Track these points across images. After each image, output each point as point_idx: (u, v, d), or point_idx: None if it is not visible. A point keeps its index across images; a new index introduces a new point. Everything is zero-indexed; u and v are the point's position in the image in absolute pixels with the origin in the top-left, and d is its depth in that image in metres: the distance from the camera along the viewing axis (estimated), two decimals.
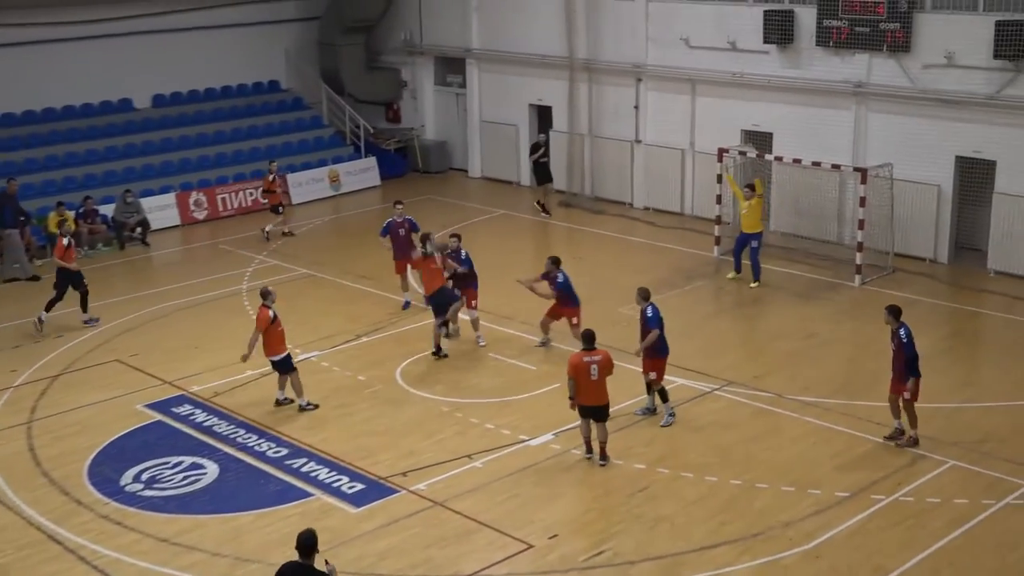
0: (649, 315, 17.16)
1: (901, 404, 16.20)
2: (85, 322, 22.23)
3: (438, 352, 20.17)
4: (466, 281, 20.72)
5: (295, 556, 10.93)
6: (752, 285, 23.56)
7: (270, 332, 17.79)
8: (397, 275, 22.74)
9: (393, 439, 17.08)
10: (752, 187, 23.67)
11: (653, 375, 17.28)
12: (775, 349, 20.39)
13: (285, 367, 18.10)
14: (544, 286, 20.03)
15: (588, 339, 15.87)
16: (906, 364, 15.91)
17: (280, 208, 28.59)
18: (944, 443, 16.39)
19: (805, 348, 20.36)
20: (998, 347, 20.58)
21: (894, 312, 16.28)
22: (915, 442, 16.22)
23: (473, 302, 20.73)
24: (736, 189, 24.31)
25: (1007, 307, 22.17)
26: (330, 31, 35.49)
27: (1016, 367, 19.29)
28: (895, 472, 15.61)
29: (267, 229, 28.21)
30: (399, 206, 22.71)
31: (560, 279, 19.86)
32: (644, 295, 17.42)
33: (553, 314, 20.19)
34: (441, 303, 20.09)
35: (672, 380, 18.52)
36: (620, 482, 15.59)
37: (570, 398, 15.94)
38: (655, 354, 17.16)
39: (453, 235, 21.34)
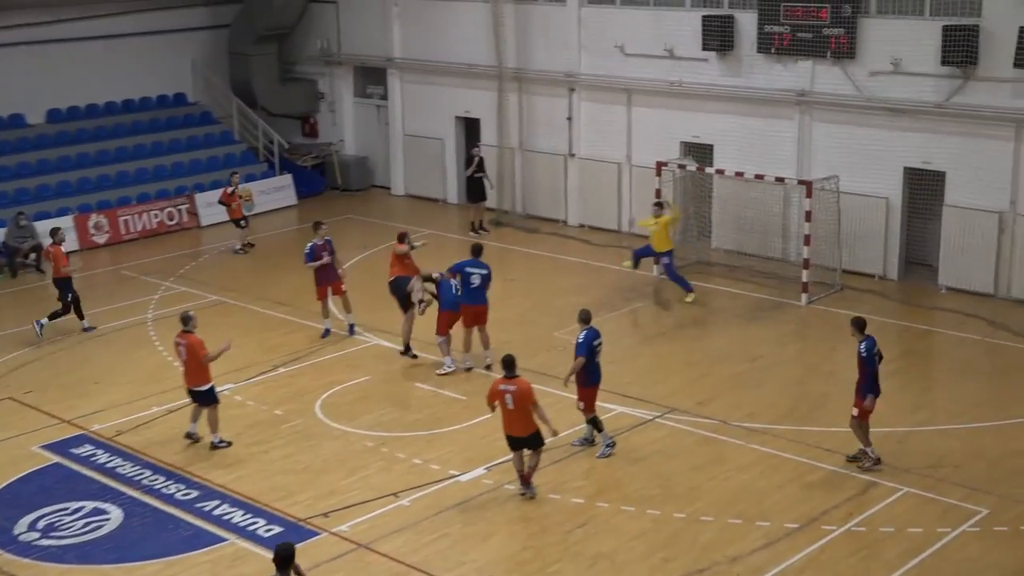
0: (579, 340, 17.22)
1: (850, 423, 16.46)
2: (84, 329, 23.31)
3: (407, 351, 20.87)
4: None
5: None
6: (687, 299, 23.83)
7: (196, 360, 17.65)
8: (318, 301, 22.65)
9: (313, 477, 16.96)
10: (660, 205, 24.35)
11: (582, 405, 17.33)
12: (719, 373, 20.57)
13: (208, 399, 17.95)
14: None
15: (507, 365, 15.87)
16: (865, 380, 16.17)
17: (242, 223, 29.03)
18: (897, 469, 16.63)
19: (750, 371, 20.57)
20: (950, 367, 20.95)
21: (858, 325, 16.57)
22: (877, 461, 16.45)
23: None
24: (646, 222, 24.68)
25: (958, 325, 22.57)
26: (240, 40, 35.33)
27: (969, 388, 19.65)
28: (847, 501, 15.80)
29: (236, 248, 28.89)
30: (322, 228, 22.61)
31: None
32: (583, 318, 17.50)
33: (467, 325, 20.62)
34: (401, 295, 21.15)
35: (611, 408, 18.61)
36: (557, 518, 15.61)
37: None
38: (583, 382, 17.22)
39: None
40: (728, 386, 19.93)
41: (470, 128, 32.74)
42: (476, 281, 20.38)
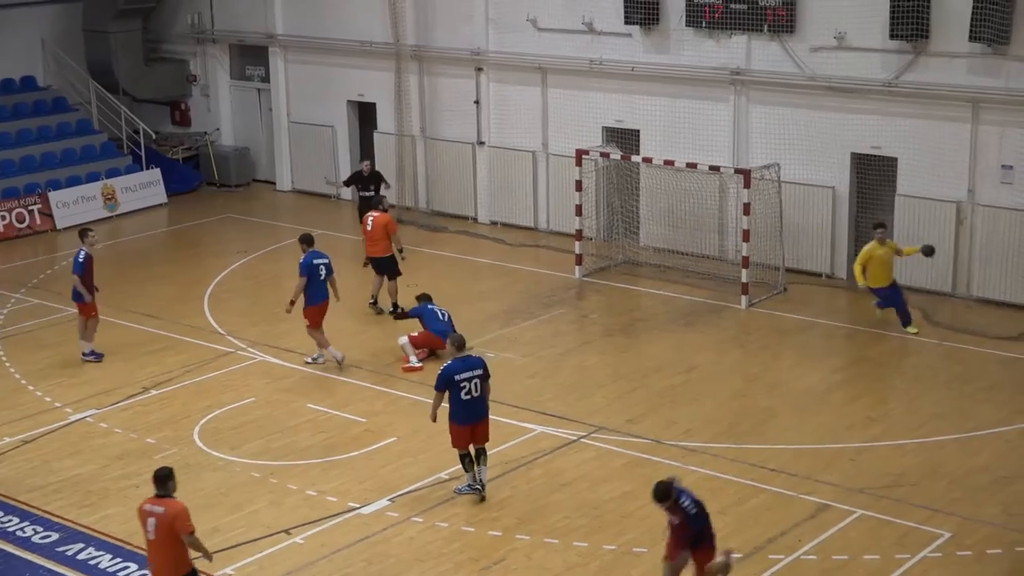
0: (439, 372, 16.83)
1: None
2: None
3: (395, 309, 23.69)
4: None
5: None
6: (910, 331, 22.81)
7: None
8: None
9: (193, 514, 16.71)
10: (884, 225, 23.10)
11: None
12: (651, 386, 20.75)
13: None
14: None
15: (159, 480, 13.27)
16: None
17: None
18: (850, 490, 16.89)
19: (686, 384, 20.78)
20: (906, 375, 21.33)
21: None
22: None
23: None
24: None
25: (914, 327, 22.98)
26: (98, 15, 34.92)
27: (926, 397, 20.02)
28: (795, 527, 16.01)
29: None
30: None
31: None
32: (456, 343, 16.93)
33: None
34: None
35: (531, 428, 18.71)
36: (471, 553, 15.63)
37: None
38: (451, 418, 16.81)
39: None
40: (661, 401, 20.11)
41: (365, 113, 32.68)
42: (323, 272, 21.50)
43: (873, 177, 25.26)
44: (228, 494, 17.36)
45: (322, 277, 21.43)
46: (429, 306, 22.29)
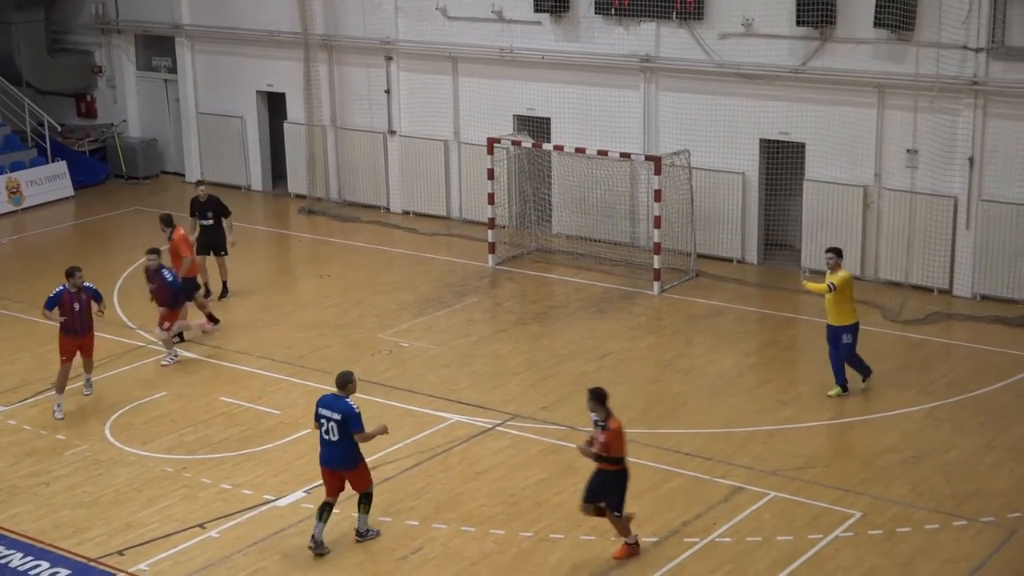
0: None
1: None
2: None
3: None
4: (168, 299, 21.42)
5: None
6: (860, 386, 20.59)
7: None
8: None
9: (104, 511, 16.68)
10: (838, 252, 19.84)
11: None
12: (565, 373, 20.86)
13: None
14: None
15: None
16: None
17: None
18: (762, 473, 17.13)
19: (599, 370, 20.91)
20: (815, 358, 21.53)
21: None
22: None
23: (166, 323, 21.43)
24: None
25: (823, 310, 23.21)
26: None
27: (835, 380, 20.27)
28: (709, 510, 16.20)
29: None
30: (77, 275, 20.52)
31: (168, 276, 21.17)
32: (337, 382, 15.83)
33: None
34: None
35: (446, 417, 18.79)
36: (387, 543, 15.64)
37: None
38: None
39: (151, 251, 21.31)
40: (575, 388, 20.15)
41: (274, 103, 32.50)
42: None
43: (782, 162, 25.54)
44: (141, 489, 17.22)
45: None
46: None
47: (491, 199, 26.31)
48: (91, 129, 35.49)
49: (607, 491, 14.81)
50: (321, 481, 15.70)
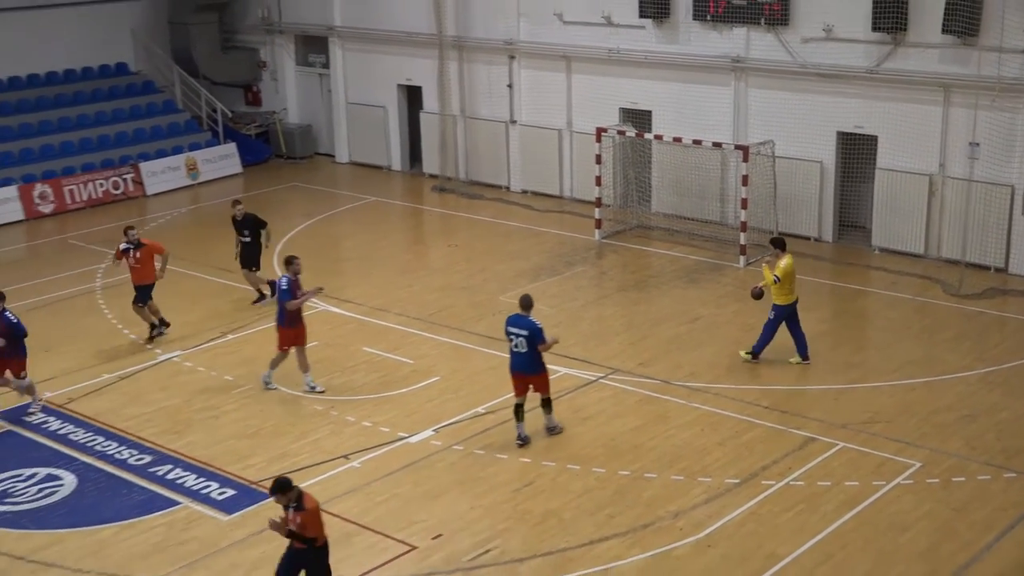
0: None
1: None
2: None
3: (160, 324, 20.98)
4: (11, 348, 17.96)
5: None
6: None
7: None
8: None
9: (264, 441, 16.97)
10: (781, 243, 19.63)
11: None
12: (660, 335, 20.77)
13: None
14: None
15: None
16: None
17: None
18: (833, 425, 16.93)
19: (690, 332, 20.79)
20: (882, 326, 21.29)
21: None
22: None
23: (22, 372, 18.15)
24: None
25: (890, 284, 22.93)
26: (180, 9, 34.92)
27: (899, 346, 19.96)
28: (785, 456, 16.07)
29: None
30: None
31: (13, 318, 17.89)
32: (522, 304, 16.66)
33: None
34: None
35: (556, 370, 18.77)
36: (505, 477, 15.74)
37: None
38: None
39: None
40: (669, 347, 20.14)
41: (412, 96, 32.64)
42: None
43: (856, 153, 25.12)
44: (295, 425, 17.50)
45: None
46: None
47: (598, 181, 26.20)
48: (256, 116, 35.93)
49: (312, 571, 12.31)
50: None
